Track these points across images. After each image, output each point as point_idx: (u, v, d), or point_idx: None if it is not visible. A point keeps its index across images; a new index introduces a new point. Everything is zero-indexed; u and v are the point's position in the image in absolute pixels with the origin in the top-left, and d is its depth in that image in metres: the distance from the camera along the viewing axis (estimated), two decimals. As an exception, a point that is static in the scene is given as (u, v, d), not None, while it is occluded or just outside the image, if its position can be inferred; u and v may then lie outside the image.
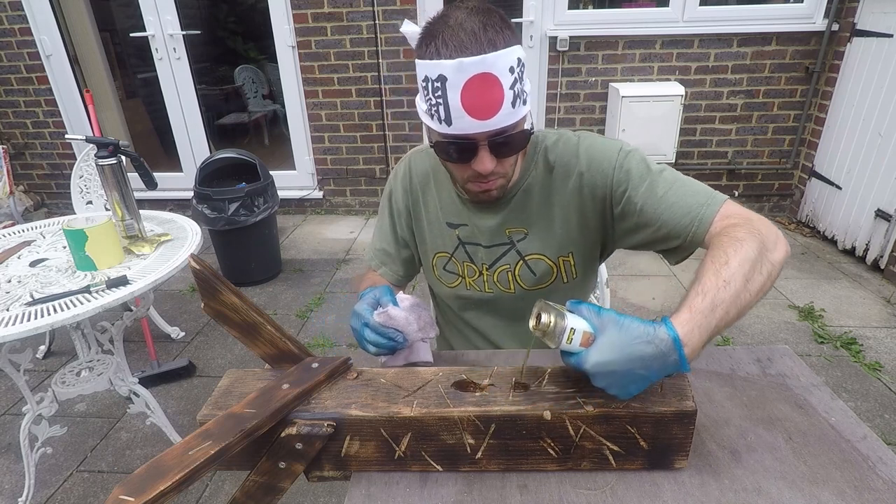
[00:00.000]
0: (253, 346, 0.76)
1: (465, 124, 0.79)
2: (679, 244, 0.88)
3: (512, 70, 0.77)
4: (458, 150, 0.84)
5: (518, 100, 0.79)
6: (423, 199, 1.07)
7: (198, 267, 0.70)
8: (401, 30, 0.90)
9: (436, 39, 0.77)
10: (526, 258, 1.01)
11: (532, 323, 0.66)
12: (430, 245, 1.09)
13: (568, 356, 0.67)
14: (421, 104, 0.85)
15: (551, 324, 0.64)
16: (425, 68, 0.79)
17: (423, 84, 0.80)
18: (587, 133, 0.99)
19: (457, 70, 0.75)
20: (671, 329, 0.62)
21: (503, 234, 1.01)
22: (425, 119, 0.85)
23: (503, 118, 0.79)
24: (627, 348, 0.61)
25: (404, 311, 0.84)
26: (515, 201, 0.99)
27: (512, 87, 0.78)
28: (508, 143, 0.84)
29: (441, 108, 0.79)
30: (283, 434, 0.69)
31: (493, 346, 1.13)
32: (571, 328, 0.64)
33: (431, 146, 0.88)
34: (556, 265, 1.02)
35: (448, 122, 0.79)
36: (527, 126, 0.86)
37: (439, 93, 0.78)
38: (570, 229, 0.99)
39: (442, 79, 0.76)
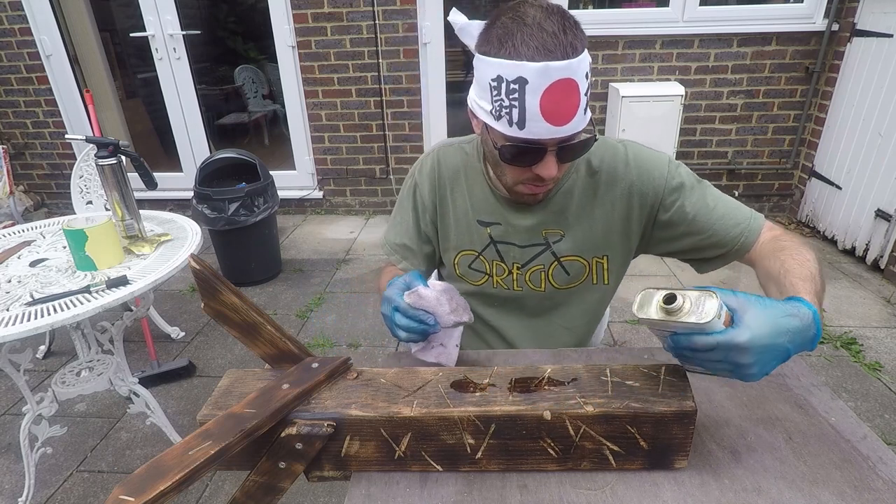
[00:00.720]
0: (253, 347, 0.76)
1: (539, 129, 0.76)
2: (723, 252, 0.96)
3: (587, 75, 0.76)
4: (524, 153, 0.81)
5: (588, 105, 0.79)
6: (451, 195, 1.04)
7: (198, 267, 0.70)
8: (449, 19, 0.86)
9: (513, 38, 0.73)
10: (561, 259, 1.01)
11: (649, 304, 0.62)
12: (453, 243, 1.06)
13: (705, 335, 0.62)
14: (482, 104, 0.81)
15: (686, 303, 0.61)
16: (498, 68, 0.75)
17: (494, 84, 0.76)
18: (631, 141, 1.00)
19: (540, 74, 0.72)
20: (809, 305, 0.66)
21: (539, 234, 1.00)
22: (487, 119, 0.81)
23: (576, 124, 0.77)
24: (777, 322, 0.62)
25: (435, 292, 0.81)
26: (555, 202, 0.98)
27: (586, 93, 0.77)
28: (575, 148, 0.83)
29: (515, 111, 0.75)
30: (283, 434, 0.69)
31: (509, 344, 1.13)
32: (721, 304, 0.62)
33: (496, 148, 0.83)
34: (589, 265, 1.03)
35: (521, 125, 0.76)
36: (588, 132, 0.85)
37: (515, 95, 0.74)
38: (610, 234, 1.00)
39: (521, 81, 0.73)
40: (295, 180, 3.87)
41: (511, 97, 0.75)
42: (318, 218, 3.86)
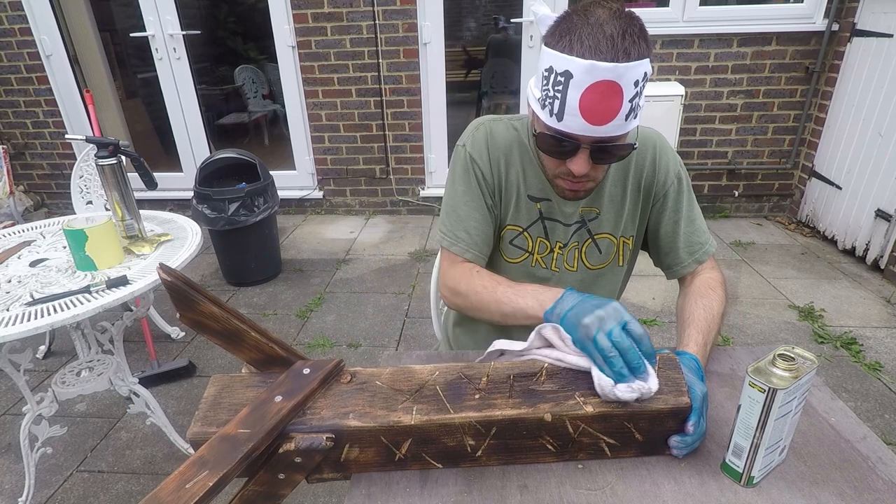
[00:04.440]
0: (237, 353, 0.72)
1: (575, 124, 0.79)
2: (666, 264, 1.06)
3: (636, 83, 0.78)
4: (559, 145, 0.85)
5: (632, 114, 0.80)
6: (505, 166, 1.02)
7: (169, 278, 0.64)
8: (532, 9, 0.90)
9: (571, 34, 0.76)
10: (595, 236, 1.04)
11: (787, 362, 0.64)
12: (501, 216, 1.05)
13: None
14: (535, 90, 0.85)
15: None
16: (553, 59, 0.78)
17: (546, 74, 0.80)
18: (654, 131, 1.03)
19: (586, 71, 0.75)
20: (689, 356, 0.82)
21: (577, 212, 1.03)
22: (535, 106, 0.85)
23: (613, 128, 0.79)
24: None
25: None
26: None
27: (631, 101, 0.78)
28: (609, 151, 0.85)
29: (556, 103, 0.79)
30: (280, 450, 0.66)
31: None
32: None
33: (534, 134, 0.89)
34: (617, 245, 1.05)
35: (559, 117, 0.80)
36: (630, 140, 0.87)
37: (560, 87, 0.78)
38: (634, 215, 1.04)
39: (567, 75, 0.77)
40: (295, 180, 3.87)
41: (556, 88, 0.79)
42: (318, 218, 3.86)
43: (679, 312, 0.97)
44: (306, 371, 0.72)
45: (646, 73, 0.79)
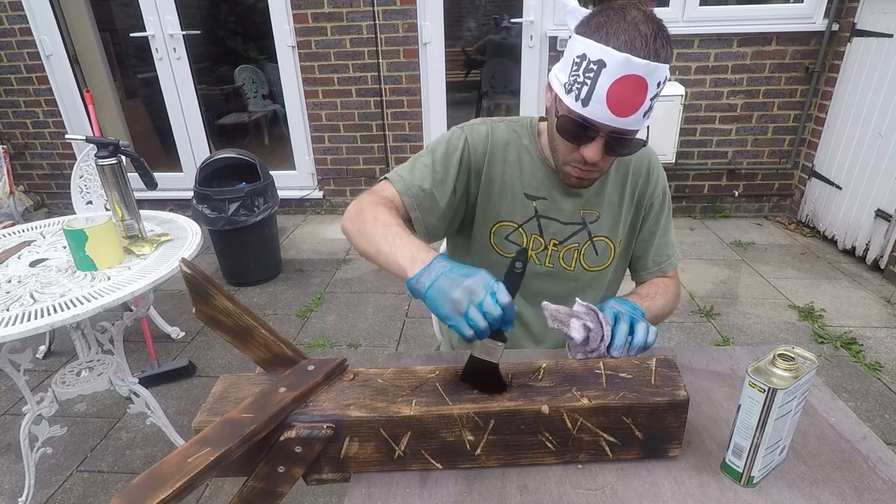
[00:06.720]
0: (246, 351, 0.74)
1: (598, 112, 0.83)
2: (634, 268, 1.17)
3: (659, 84, 0.83)
4: (578, 129, 0.87)
5: (649, 112, 0.85)
6: (501, 164, 1.04)
7: (189, 272, 0.68)
8: (563, 0, 0.93)
9: (609, 27, 0.80)
10: (594, 239, 1.08)
11: (790, 363, 0.64)
12: (493, 212, 1.05)
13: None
14: (560, 76, 0.88)
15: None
16: (587, 47, 0.81)
17: (577, 60, 0.83)
18: (648, 146, 1.09)
19: (621, 63, 0.79)
20: (633, 304, 0.93)
21: (578, 214, 1.06)
22: (559, 90, 0.88)
23: (632, 122, 0.84)
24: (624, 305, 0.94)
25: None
26: (594, 186, 1.05)
27: (651, 99, 0.83)
28: (622, 144, 0.89)
29: (585, 89, 0.82)
30: (281, 438, 0.68)
31: (524, 327, 1.14)
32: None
33: (557, 117, 0.90)
34: (614, 248, 1.10)
35: (585, 102, 0.83)
36: (641, 136, 0.90)
37: (591, 74, 0.81)
38: (627, 221, 1.10)
39: (601, 63, 0.80)
40: (295, 180, 3.87)
41: (587, 75, 0.82)
42: (318, 218, 3.86)
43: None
44: (311, 368, 0.75)
45: (666, 78, 0.83)
